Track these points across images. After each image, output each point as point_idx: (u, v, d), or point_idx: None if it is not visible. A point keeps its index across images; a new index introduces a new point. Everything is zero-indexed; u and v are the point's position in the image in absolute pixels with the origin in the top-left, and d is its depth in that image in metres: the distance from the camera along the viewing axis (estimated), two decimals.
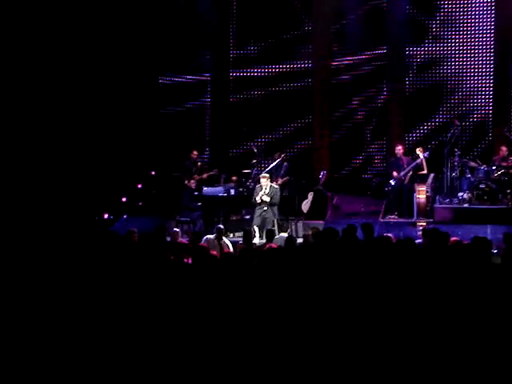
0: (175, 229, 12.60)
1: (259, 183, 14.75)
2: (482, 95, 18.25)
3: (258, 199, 14.52)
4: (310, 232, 10.91)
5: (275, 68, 19.35)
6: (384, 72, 18.53)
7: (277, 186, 14.89)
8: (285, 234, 12.81)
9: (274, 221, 14.42)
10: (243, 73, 19.47)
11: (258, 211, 14.53)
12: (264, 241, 13.00)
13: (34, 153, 16.00)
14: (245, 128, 17.51)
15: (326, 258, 6.67)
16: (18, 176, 15.64)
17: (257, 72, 19.43)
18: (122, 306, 5.42)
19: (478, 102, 18.25)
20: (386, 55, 18.51)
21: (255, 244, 12.63)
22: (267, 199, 14.48)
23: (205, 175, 16.82)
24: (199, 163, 16.95)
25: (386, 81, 18.57)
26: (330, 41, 18.84)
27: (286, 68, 19.36)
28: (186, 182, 16.37)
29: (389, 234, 10.59)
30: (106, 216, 16.43)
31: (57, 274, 6.64)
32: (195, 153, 17.02)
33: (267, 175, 14.94)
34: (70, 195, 15.91)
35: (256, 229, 14.23)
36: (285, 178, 16.50)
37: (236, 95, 19.44)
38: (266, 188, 14.57)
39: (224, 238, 12.69)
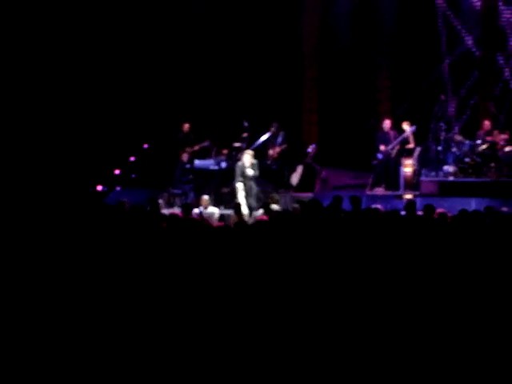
0: (158, 200, 12.85)
1: (241, 159, 15.07)
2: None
3: (248, 173, 14.84)
4: (297, 205, 11.26)
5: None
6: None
7: (255, 161, 15.20)
8: (276, 206, 13.16)
9: (255, 193, 14.80)
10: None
11: (240, 185, 14.87)
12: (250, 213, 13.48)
13: (27, 126, 16.17)
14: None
15: (313, 229, 6.97)
16: (13, 150, 15.82)
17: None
18: (116, 277, 5.53)
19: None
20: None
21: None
22: (251, 172, 14.84)
23: (196, 147, 17.04)
24: (191, 135, 17.15)
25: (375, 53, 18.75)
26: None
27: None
28: (186, 154, 16.58)
29: (377, 206, 10.96)
30: (99, 188, 16.66)
31: (50, 245, 6.77)
32: (187, 125, 17.21)
33: (251, 152, 15.25)
34: (64, 168, 16.11)
35: (243, 201, 14.60)
36: (283, 146, 16.85)
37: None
38: (249, 165, 14.94)
39: (210, 208, 13.14)
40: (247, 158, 15.04)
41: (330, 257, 5.88)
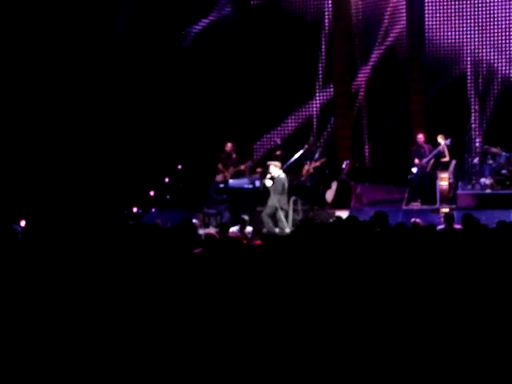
0: (194, 220, 12.83)
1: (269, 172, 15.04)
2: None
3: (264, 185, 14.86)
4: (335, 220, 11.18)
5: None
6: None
7: (283, 176, 15.09)
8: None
9: (276, 209, 14.66)
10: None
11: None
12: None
13: (65, 147, 16.30)
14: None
15: (351, 245, 6.90)
16: (48, 170, 15.94)
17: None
18: (144, 298, 5.51)
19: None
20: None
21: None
22: (269, 183, 14.71)
23: (242, 167, 17.00)
24: (234, 155, 17.12)
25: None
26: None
27: None
28: (221, 175, 16.58)
29: (417, 220, 10.81)
30: (135, 210, 16.72)
31: (84, 265, 6.79)
32: (229, 145, 17.22)
33: (277, 163, 15.20)
34: (100, 190, 16.20)
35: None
36: (322, 160, 16.80)
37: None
38: (275, 176, 14.87)
39: (248, 228, 13.04)
40: (272, 169, 14.97)
41: (364, 273, 5.81)
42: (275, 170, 15.00)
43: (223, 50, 19.13)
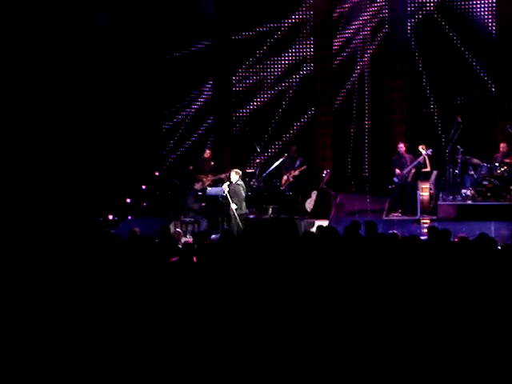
0: (177, 229, 12.66)
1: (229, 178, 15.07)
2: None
3: (225, 192, 14.85)
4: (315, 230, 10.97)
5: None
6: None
7: (240, 183, 15.06)
8: None
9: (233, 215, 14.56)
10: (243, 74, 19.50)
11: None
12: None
13: (38, 153, 16.07)
14: (247, 128, 17.53)
15: (329, 254, 6.71)
16: (22, 177, 15.71)
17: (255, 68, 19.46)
18: (121, 306, 5.40)
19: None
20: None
21: None
22: (226, 189, 14.80)
23: (223, 175, 16.84)
24: (212, 163, 16.95)
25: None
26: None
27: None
28: (200, 183, 16.38)
29: (395, 231, 10.64)
30: (110, 217, 16.49)
31: (57, 273, 6.64)
32: (207, 152, 17.03)
33: (238, 170, 15.22)
34: (74, 196, 15.97)
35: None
36: (302, 167, 16.66)
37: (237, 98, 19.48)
38: (232, 182, 14.87)
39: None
40: (233, 176, 15.08)
41: (346, 282, 5.64)
42: (234, 176, 15.06)
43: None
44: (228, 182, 14.97)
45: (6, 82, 15.80)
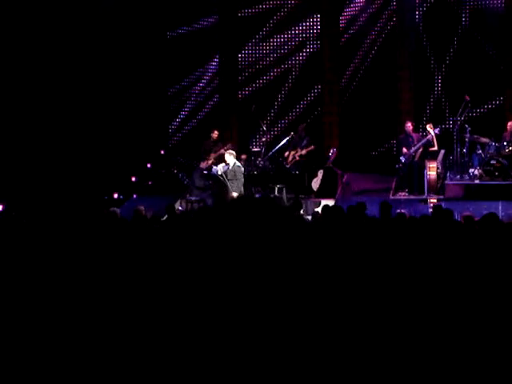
0: (180, 207, 12.55)
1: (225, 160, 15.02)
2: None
3: (219, 172, 14.81)
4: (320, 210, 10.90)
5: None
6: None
7: (239, 165, 14.94)
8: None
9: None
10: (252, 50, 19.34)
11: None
12: None
13: (45, 132, 16.03)
14: (254, 106, 17.39)
15: (334, 235, 6.64)
16: (28, 156, 15.67)
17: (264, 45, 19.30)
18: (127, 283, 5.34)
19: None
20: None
21: None
22: (220, 170, 14.79)
23: (222, 150, 16.71)
24: (219, 143, 16.88)
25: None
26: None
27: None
28: (205, 161, 16.31)
29: (403, 211, 10.56)
30: (115, 196, 16.45)
31: (59, 252, 6.62)
32: (216, 132, 16.99)
33: (232, 151, 15.06)
34: (80, 175, 15.94)
35: None
36: (310, 147, 16.53)
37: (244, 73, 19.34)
38: (230, 165, 14.74)
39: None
40: (228, 158, 15.01)
41: (354, 264, 5.57)
42: (229, 157, 14.99)
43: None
44: (223, 164, 14.85)
45: (10, 64, 15.72)
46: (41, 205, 13.54)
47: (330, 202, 14.28)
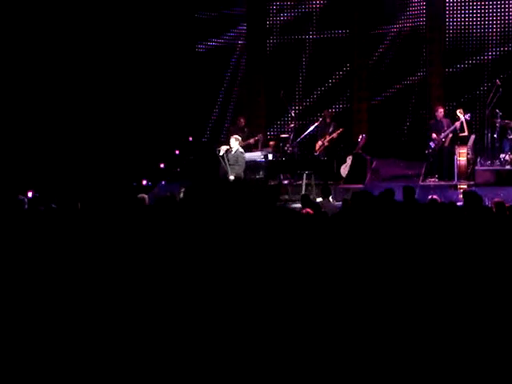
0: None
1: (229, 144, 14.95)
2: None
3: (220, 153, 14.80)
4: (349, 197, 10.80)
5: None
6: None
7: (242, 151, 14.91)
8: (319, 199, 12.71)
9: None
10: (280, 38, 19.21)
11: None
12: None
13: (76, 119, 16.12)
14: (282, 91, 17.28)
15: (365, 221, 6.57)
16: (58, 142, 15.77)
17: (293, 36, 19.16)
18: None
19: None
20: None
21: None
22: (221, 153, 14.79)
23: (251, 140, 16.76)
24: (246, 129, 16.90)
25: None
26: None
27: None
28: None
29: (434, 196, 10.45)
30: (144, 182, 16.49)
31: (91, 238, 6.59)
32: (242, 120, 17.02)
33: (237, 137, 15.09)
34: (109, 161, 16.00)
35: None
36: (339, 130, 16.41)
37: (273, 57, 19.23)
38: (232, 150, 14.68)
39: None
40: (232, 143, 15.02)
41: (384, 250, 5.49)
42: (234, 143, 14.99)
43: None
44: (227, 147, 14.84)
45: (42, 56, 15.82)
46: (70, 191, 13.60)
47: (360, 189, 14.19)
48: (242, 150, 15.03)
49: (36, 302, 4.57)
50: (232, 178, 14.48)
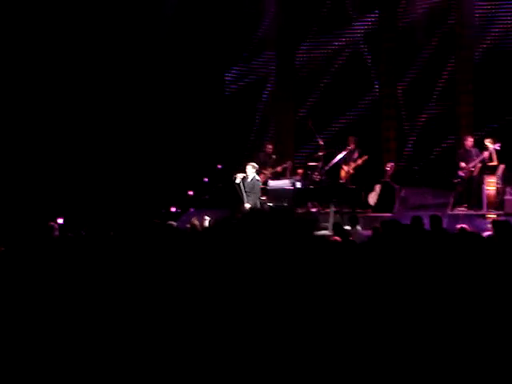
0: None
1: (245, 171, 14.97)
2: None
3: (237, 181, 14.77)
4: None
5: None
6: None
7: (259, 179, 14.96)
8: (347, 227, 12.69)
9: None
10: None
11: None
12: None
13: (107, 146, 16.27)
14: (310, 120, 17.33)
15: (394, 250, 6.55)
16: (88, 168, 15.91)
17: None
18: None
19: None
20: None
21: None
22: (237, 180, 14.76)
23: (279, 168, 16.80)
24: (273, 156, 16.96)
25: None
26: None
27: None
28: (261, 175, 16.38)
29: (463, 225, 10.39)
30: (173, 209, 16.57)
31: (119, 263, 6.63)
32: (270, 147, 17.09)
33: (254, 164, 15.06)
34: (139, 189, 16.10)
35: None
36: (364, 157, 16.38)
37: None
38: (249, 178, 14.75)
39: None
40: (249, 170, 14.96)
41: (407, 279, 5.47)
42: (251, 170, 14.95)
43: None
44: (243, 174, 14.86)
45: (75, 68, 16.02)
46: (100, 218, 13.71)
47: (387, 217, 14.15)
48: (258, 177, 15.04)
49: (66, 330, 4.61)
50: (248, 206, 14.51)
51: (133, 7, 16.77)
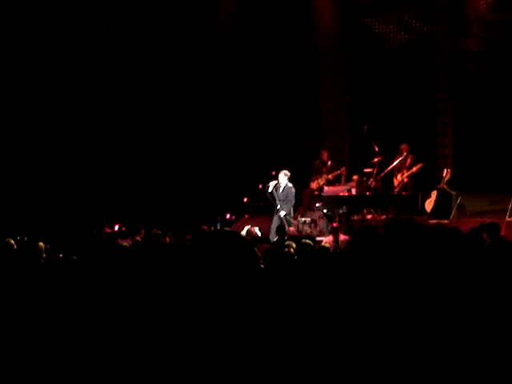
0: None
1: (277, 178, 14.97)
2: None
3: (269, 189, 14.91)
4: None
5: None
6: None
7: (291, 185, 14.74)
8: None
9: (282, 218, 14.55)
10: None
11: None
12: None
13: (158, 153, 16.40)
14: (366, 126, 17.19)
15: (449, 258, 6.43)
16: (146, 176, 16.06)
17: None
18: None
19: None
20: None
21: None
22: (270, 189, 14.89)
23: (330, 176, 16.76)
24: (329, 162, 16.90)
25: None
26: None
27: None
28: (315, 182, 16.35)
29: None
30: (228, 216, 16.62)
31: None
32: (325, 153, 17.03)
33: (286, 171, 15.04)
34: (194, 196, 16.20)
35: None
36: (419, 165, 16.20)
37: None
38: (281, 185, 14.66)
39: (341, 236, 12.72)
40: (281, 178, 15.05)
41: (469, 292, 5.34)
42: (283, 178, 14.98)
43: None
44: (275, 181, 14.81)
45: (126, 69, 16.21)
46: (153, 224, 13.81)
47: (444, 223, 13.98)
48: (290, 184, 15.00)
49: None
50: (283, 214, 14.48)
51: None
